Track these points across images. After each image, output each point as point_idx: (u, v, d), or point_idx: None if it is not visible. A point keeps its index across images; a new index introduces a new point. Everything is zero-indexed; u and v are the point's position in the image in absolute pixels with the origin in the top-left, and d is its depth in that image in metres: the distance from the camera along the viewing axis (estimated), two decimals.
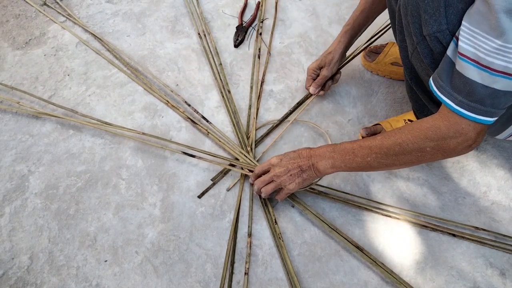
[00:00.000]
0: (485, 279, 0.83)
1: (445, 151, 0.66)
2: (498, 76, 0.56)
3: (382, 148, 0.70)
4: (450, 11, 0.60)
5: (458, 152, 0.67)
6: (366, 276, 0.83)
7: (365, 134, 0.97)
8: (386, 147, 0.70)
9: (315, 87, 1.06)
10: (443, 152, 0.67)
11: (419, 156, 0.68)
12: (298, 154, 0.80)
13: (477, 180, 0.97)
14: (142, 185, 0.95)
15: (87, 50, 1.21)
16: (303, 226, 0.89)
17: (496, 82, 0.56)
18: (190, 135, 1.04)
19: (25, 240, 0.87)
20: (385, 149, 0.70)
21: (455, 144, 0.65)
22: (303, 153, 0.80)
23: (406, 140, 0.68)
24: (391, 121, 0.98)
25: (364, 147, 0.72)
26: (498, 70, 0.55)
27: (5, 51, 1.20)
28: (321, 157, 0.77)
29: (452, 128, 0.64)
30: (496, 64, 0.55)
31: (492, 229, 0.89)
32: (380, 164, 0.72)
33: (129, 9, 1.33)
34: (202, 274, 0.83)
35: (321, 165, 0.77)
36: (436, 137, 0.65)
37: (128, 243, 0.87)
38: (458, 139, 0.64)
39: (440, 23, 0.61)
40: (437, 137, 0.65)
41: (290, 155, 0.82)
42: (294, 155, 0.81)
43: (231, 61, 1.20)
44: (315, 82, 1.06)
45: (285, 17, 1.32)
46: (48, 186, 0.94)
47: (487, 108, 0.60)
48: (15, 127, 1.04)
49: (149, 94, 1.11)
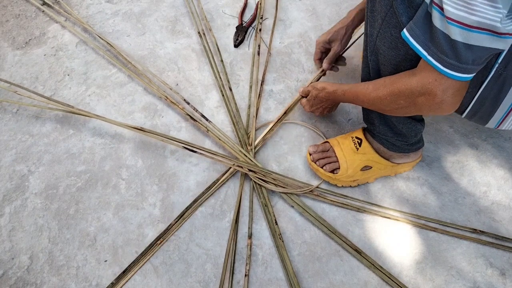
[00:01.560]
0: (485, 279, 0.83)
1: (416, 106, 0.68)
2: (451, 24, 0.55)
3: (369, 99, 0.77)
4: None
5: (429, 110, 0.67)
6: (366, 276, 0.83)
7: (313, 151, 0.96)
8: (371, 99, 0.76)
9: (328, 62, 1.05)
10: (415, 108, 0.69)
11: (397, 108, 0.72)
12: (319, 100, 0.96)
13: (477, 180, 0.97)
14: (142, 185, 0.95)
15: (87, 50, 1.21)
16: (303, 226, 0.89)
17: (451, 31, 0.56)
18: (190, 135, 1.04)
19: (25, 240, 0.87)
20: (371, 100, 0.76)
21: (423, 100, 0.65)
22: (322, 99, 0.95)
23: (386, 93, 0.72)
24: (338, 138, 0.96)
25: (360, 96, 0.79)
26: (450, 18, 0.55)
27: (5, 51, 1.20)
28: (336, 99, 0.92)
29: (421, 82, 0.64)
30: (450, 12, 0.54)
31: (492, 229, 0.89)
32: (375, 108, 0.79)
33: (129, 9, 1.33)
34: (202, 274, 0.83)
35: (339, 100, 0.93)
36: (407, 92, 0.67)
37: (128, 243, 0.87)
38: (425, 96, 0.65)
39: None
40: (408, 92, 0.67)
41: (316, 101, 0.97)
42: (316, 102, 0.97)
43: (231, 61, 1.20)
44: (328, 57, 1.05)
45: (285, 17, 1.32)
46: (48, 186, 0.94)
47: (451, 60, 0.59)
48: (15, 127, 1.04)
49: (149, 94, 1.11)
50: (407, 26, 0.63)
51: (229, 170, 0.96)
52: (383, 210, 0.91)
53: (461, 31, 0.55)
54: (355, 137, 0.93)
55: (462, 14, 0.54)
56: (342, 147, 0.93)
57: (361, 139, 0.92)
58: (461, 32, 0.55)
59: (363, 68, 0.84)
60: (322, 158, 0.94)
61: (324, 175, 0.93)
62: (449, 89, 0.63)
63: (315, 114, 1.02)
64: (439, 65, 0.60)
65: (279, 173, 0.96)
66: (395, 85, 0.70)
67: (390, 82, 0.71)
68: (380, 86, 0.73)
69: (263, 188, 0.93)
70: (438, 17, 0.57)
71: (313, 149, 0.96)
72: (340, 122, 1.07)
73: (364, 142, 0.92)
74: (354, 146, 0.92)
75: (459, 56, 0.58)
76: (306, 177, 0.97)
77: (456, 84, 0.62)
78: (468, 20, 0.54)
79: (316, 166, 0.94)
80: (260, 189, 0.93)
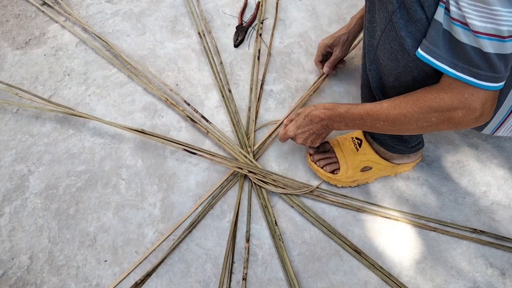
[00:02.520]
0: (485, 279, 0.83)
1: (451, 122, 0.65)
2: (481, 38, 0.55)
3: (388, 117, 0.70)
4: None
5: (466, 124, 0.65)
6: (366, 276, 0.83)
7: (313, 151, 0.96)
8: (392, 117, 0.70)
9: (329, 67, 1.06)
10: (449, 123, 0.65)
11: (425, 126, 0.68)
12: (309, 121, 0.85)
13: (477, 180, 0.97)
14: (142, 185, 0.95)
15: (87, 50, 1.21)
16: (303, 226, 0.89)
17: (481, 44, 0.55)
18: (190, 135, 1.04)
19: (25, 240, 0.87)
20: (391, 119, 0.70)
21: (460, 116, 0.63)
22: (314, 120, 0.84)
23: (412, 111, 0.67)
24: (339, 138, 0.95)
25: (372, 114, 0.72)
26: (478, 31, 0.54)
27: (5, 51, 1.20)
28: (333, 120, 0.81)
29: (456, 98, 0.62)
30: (477, 26, 0.54)
31: (492, 229, 0.89)
32: (389, 130, 0.73)
33: (129, 9, 1.33)
34: (202, 274, 0.83)
35: (335, 126, 0.83)
36: (440, 108, 0.64)
37: (128, 243, 0.87)
38: (463, 111, 0.62)
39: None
40: (442, 109, 0.63)
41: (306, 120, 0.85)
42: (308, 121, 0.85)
43: (231, 61, 1.20)
44: (329, 62, 1.06)
45: (285, 17, 1.32)
46: (48, 186, 0.94)
47: (486, 72, 0.58)
48: (15, 127, 1.04)
49: (149, 94, 1.11)
50: (423, 48, 0.62)
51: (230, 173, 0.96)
52: (383, 210, 0.91)
53: (492, 43, 0.55)
54: (355, 137, 0.93)
55: (490, 26, 0.53)
56: (342, 148, 0.93)
57: (361, 139, 0.92)
58: (493, 44, 0.55)
59: (362, 75, 0.84)
60: (322, 158, 0.94)
61: (324, 175, 0.94)
62: (488, 101, 0.62)
63: (296, 142, 0.90)
64: (474, 79, 0.59)
65: (278, 173, 0.96)
66: (423, 101, 0.66)
67: (413, 98, 0.67)
68: (401, 103, 0.69)
69: (262, 189, 0.93)
70: (463, 33, 0.56)
71: (313, 150, 0.96)
72: None
73: (364, 142, 0.92)
74: (354, 147, 0.92)
75: (494, 67, 0.57)
76: (306, 177, 0.97)
77: (493, 94, 0.62)
78: (498, 31, 0.53)
79: (316, 166, 0.94)
80: (260, 190, 0.93)
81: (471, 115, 0.62)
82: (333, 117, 0.80)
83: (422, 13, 0.61)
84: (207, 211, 0.91)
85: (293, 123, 0.89)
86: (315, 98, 1.11)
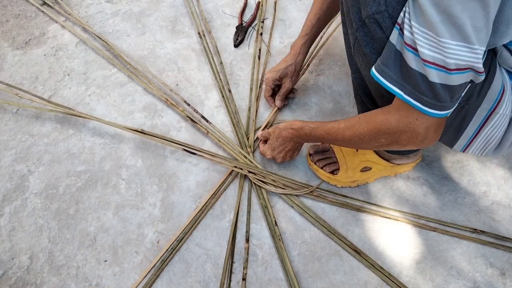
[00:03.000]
0: (485, 279, 0.83)
1: (399, 143, 0.67)
2: (428, 67, 0.55)
3: (344, 138, 0.74)
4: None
5: (412, 146, 0.67)
6: (366, 276, 0.83)
7: (313, 151, 0.96)
8: (347, 137, 0.73)
9: (280, 100, 1.05)
10: (397, 144, 0.67)
11: (377, 145, 0.71)
12: (282, 141, 0.89)
13: (477, 180, 0.97)
14: (142, 185, 0.95)
15: (87, 50, 1.21)
16: (303, 226, 0.89)
17: (428, 73, 0.55)
18: (190, 135, 1.04)
19: (25, 240, 0.87)
20: (346, 139, 0.74)
21: (405, 139, 0.65)
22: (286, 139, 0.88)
23: (363, 132, 0.70)
24: None
25: (331, 134, 0.77)
26: (426, 60, 0.54)
27: (5, 51, 1.20)
28: (301, 138, 0.86)
29: (402, 122, 0.63)
30: (426, 54, 0.54)
31: (492, 229, 0.89)
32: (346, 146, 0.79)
33: (129, 9, 1.33)
34: (202, 274, 0.83)
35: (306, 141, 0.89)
36: (388, 131, 0.66)
37: (128, 243, 0.87)
38: (408, 134, 0.64)
39: (379, 4, 0.59)
40: (389, 131, 0.65)
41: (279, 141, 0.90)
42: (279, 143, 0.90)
43: (231, 61, 1.20)
44: (280, 95, 1.05)
45: (285, 17, 1.32)
46: (48, 186, 0.94)
47: (431, 100, 0.58)
48: (15, 127, 1.04)
49: (149, 94, 1.11)
50: (376, 66, 0.63)
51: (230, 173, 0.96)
52: (383, 210, 0.91)
53: (439, 73, 0.55)
54: None
55: (438, 56, 0.53)
56: (342, 148, 0.93)
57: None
58: (439, 74, 0.55)
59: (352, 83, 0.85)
60: (322, 158, 0.94)
61: (324, 175, 0.94)
62: (431, 127, 0.62)
63: (277, 161, 0.94)
64: (419, 104, 0.59)
65: (278, 173, 0.96)
66: (373, 124, 0.68)
67: (366, 120, 0.70)
68: (355, 124, 0.71)
69: (262, 189, 0.93)
70: (413, 58, 0.56)
71: (313, 150, 0.96)
72: None
73: None
74: None
75: (438, 96, 0.57)
76: (306, 177, 0.97)
77: (437, 120, 0.62)
78: (444, 62, 0.53)
79: (316, 166, 0.94)
80: (259, 190, 0.93)
81: (415, 138, 0.64)
82: (301, 136, 0.85)
83: (381, 32, 0.61)
84: (207, 211, 0.91)
85: (267, 146, 0.93)
86: (314, 97, 1.11)
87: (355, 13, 0.65)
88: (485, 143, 0.74)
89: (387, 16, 0.60)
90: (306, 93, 1.13)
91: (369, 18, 0.61)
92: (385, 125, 0.66)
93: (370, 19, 0.61)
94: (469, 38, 0.51)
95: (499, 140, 0.72)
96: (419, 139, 0.64)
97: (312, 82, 1.15)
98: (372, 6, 0.60)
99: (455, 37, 0.51)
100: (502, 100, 0.66)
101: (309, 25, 0.99)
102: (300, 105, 1.10)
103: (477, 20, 0.50)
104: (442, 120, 0.63)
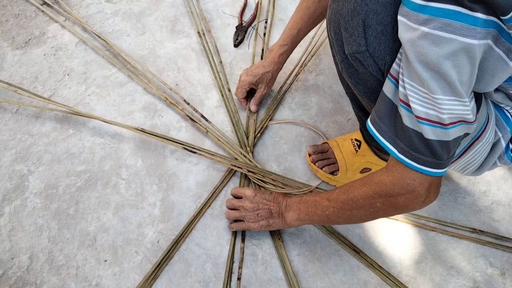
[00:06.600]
0: (485, 278, 0.83)
1: (396, 207, 0.62)
2: (422, 124, 0.53)
3: (338, 202, 0.68)
4: (369, 32, 0.56)
5: (412, 209, 0.62)
6: (366, 276, 0.83)
7: (312, 152, 0.95)
8: (341, 201, 0.67)
9: (256, 104, 1.04)
10: (395, 209, 0.62)
11: (372, 211, 0.65)
12: (273, 198, 0.80)
13: (476, 180, 0.97)
14: (142, 184, 0.95)
15: (86, 49, 1.21)
16: (303, 226, 0.89)
17: (423, 130, 0.53)
18: (190, 135, 1.04)
19: (24, 240, 0.87)
20: (340, 203, 0.68)
21: (404, 201, 0.60)
22: (278, 198, 0.80)
23: (357, 195, 0.65)
24: (338, 140, 0.95)
25: (324, 199, 0.70)
26: (420, 117, 0.52)
27: (4, 50, 1.20)
28: (289, 207, 0.77)
29: (398, 183, 0.59)
30: (418, 111, 0.52)
31: (491, 229, 0.89)
32: (338, 218, 0.70)
33: (129, 8, 1.33)
34: (202, 274, 0.83)
35: (288, 216, 0.76)
36: (383, 193, 0.61)
37: (128, 243, 0.87)
38: (407, 196, 0.59)
39: (359, 44, 0.58)
40: (385, 194, 0.61)
41: (265, 196, 0.81)
42: (269, 197, 0.80)
43: (230, 61, 1.20)
44: (256, 99, 1.03)
45: (285, 16, 1.32)
46: (48, 186, 0.94)
47: (427, 158, 0.55)
48: (15, 126, 1.04)
49: (149, 94, 1.11)
50: (371, 119, 0.60)
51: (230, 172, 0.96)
52: None
53: (434, 130, 0.53)
54: (354, 139, 0.93)
55: (431, 112, 0.52)
56: (342, 149, 0.93)
57: (360, 141, 0.92)
58: (435, 131, 0.53)
59: None
60: (322, 159, 0.94)
61: (323, 176, 0.93)
62: (432, 186, 0.59)
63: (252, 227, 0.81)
64: (415, 163, 0.56)
65: (278, 173, 0.96)
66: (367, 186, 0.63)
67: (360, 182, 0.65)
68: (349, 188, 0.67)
69: (262, 188, 0.93)
70: (407, 115, 0.54)
71: (312, 150, 0.96)
72: (340, 122, 1.07)
73: (363, 144, 0.92)
74: (353, 148, 0.92)
75: (435, 153, 0.55)
76: (306, 176, 0.97)
77: (437, 179, 0.59)
78: (439, 118, 0.52)
79: (316, 167, 0.94)
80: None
81: (416, 200, 0.60)
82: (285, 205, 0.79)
83: (364, 68, 0.61)
84: (207, 211, 0.91)
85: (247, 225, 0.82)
86: (314, 97, 1.11)
87: (339, 47, 0.64)
88: (465, 165, 0.72)
89: (368, 56, 0.58)
90: (306, 93, 1.13)
91: (351, 56, 0.61)
92: (380, 187, 0.61)
93: (351, 57, 0.61)
94: (459, 93, 0.50)
95: (480, 163, 0.70)
96: (421, 200, 0.60)
97: (312, 82, 1.15)
98: (353, 45, 0.59)
99: (447, 92, 0.50)
100: (486, 129, 0.65)
101: (288, 34, 0.96)
102: (300, 105, 1.10)
103: (464, 74, 0.49)
104: (440, 179, 0.61)
